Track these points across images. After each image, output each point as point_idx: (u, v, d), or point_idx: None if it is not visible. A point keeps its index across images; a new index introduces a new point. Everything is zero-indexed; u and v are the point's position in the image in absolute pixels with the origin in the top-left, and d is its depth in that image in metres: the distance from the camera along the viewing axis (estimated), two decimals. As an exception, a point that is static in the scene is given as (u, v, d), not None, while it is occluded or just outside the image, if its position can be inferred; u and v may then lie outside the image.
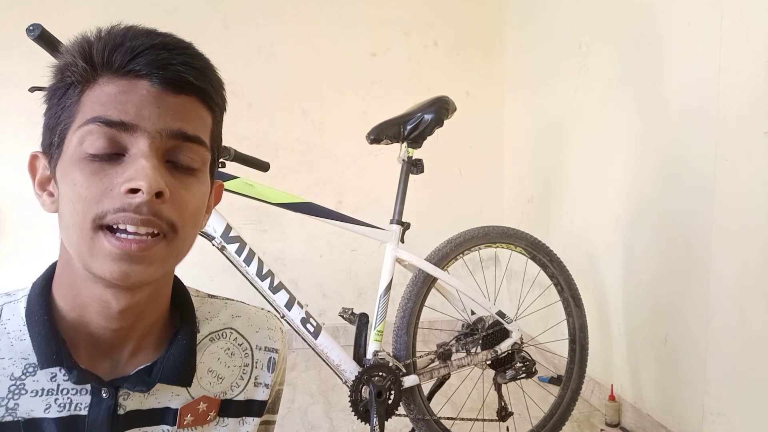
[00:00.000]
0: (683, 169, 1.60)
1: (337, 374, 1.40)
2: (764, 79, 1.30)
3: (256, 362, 0.64)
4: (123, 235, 0.46)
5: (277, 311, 1.34)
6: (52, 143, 0.50)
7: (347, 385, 1.38)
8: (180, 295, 0.61)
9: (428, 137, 1.50)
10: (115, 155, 0.47)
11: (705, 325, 1.51)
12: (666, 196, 1.68)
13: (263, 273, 1.32)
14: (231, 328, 0.64)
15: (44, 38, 0.94)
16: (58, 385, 0.51)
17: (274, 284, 1.33)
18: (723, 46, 1.43)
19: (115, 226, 0.46)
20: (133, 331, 0.54)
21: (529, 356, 1.61)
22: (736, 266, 1.40)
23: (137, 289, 0.51)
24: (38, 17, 1.11)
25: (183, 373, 0.56)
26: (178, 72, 0.49)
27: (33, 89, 0.99)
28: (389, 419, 1.40)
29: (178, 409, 0.56)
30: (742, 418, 1.40)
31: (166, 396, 0.56)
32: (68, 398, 0.51)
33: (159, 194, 0.47)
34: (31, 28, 0.92)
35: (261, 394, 0.64)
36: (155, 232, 0.48)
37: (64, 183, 0.48)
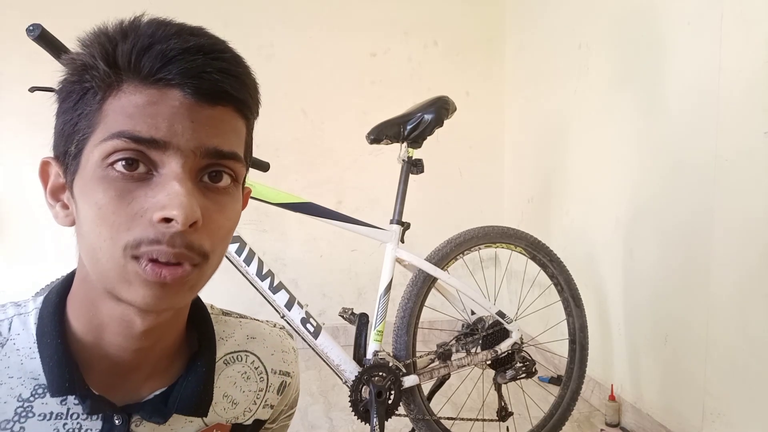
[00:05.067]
0: (683, 169, 1.60)
1: (337, 374, 1.40)
2: (764, 79, 1.30)
3: (270, 386, 0.62)
4: (156, 264, 0.43)
5: (277, 311, 1.34)
6: (68, 152, 0.45)
7: (347, 385, 1.38)
8: (198, 312, 0.57)
9: (428, 137, 1.50)
10: (142, 173, 0.43)
11: (705, 325, 1.51)
12: (666, 195, 1.67)
13: (263, 273, 1.31)
14: (247, 351, 0.61)
15: (44, 38, 0.94)
16: (68, 409, 0.48)
17: (274, 284, 1.33)
18: (723, 45, 1.42)
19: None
20: (153, 351, 0.51)
21: (529, 356, 1.61)
22: (736, 266, 1.40)
23: (163, 312, 0.48)
24: (38, 17, 1.11)
25: (200, 404, 0.53)
26: (216, 82, 0.44)
27: (33, 89, 0.99)
28: (389, 419, 1.40)
29: None
30: (742, 418, 1.40)
31: (180, 423, 0.53)
32: (78, 423, 0.48)
33: (193, 223, 0.43)
34: (31, 28, 0.92)
35: (265, 414, 0.63)
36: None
37: (86, 202, 0.44)
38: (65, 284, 0.52)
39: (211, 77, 0.44)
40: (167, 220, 0.42)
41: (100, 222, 0.43)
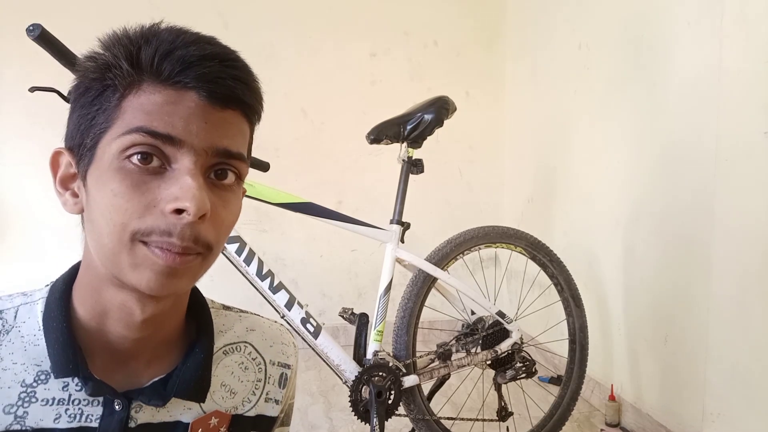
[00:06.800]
0: (683, 169, 1.60)
1: (337, 374, 1.40)
2: (764, 79, 1.30)
3: (269, 378, 0.63)
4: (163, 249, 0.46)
5: (277, 311, 1.34)
6: (83, 144, 0.48)
7: (347, 385, 1.38)
8: (197, 304, 0.60)
9: (428, 137, 1.50)
10: (156, 167, 0.46)
11: (705, 325, 1.51)
12: (666, 196, 1.67)
13: (263, 273, 1.31)
14: (245, 342, 0.63)
15: (44, 38, 0.93)
16: (70, 395, 0.50)
17: (274, 284, 1.33)
18: (723, 46, 1.42)
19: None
20: (152, 340, 0.53)
21: (529, 356, 1.61)
22: (736, 266, 1.40)
23: (164, 299, 0.50)
24: (38, 17, 1.11)
25: (198, 388, 0.55)
26: (229, 87, 0.48)
27: (33, 89, 0.99)
28: (389, 419, 1.40)
29: (189, 423, 0.55)
30: (742, 418, 1.40)
31: (179, 409, 0.55)
32: (79, 409, 0.50)
33: (202, 215, 0.46)
34: (31, 28, 0.92)
35: (271, 410, 0.63)
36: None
37: (100, 190, 0.46)
38: (72, 272, 0.54)
39: (225, 83, 0.48)
40: (179, 211, 0.45)
41: (114, 209, 0.45)
